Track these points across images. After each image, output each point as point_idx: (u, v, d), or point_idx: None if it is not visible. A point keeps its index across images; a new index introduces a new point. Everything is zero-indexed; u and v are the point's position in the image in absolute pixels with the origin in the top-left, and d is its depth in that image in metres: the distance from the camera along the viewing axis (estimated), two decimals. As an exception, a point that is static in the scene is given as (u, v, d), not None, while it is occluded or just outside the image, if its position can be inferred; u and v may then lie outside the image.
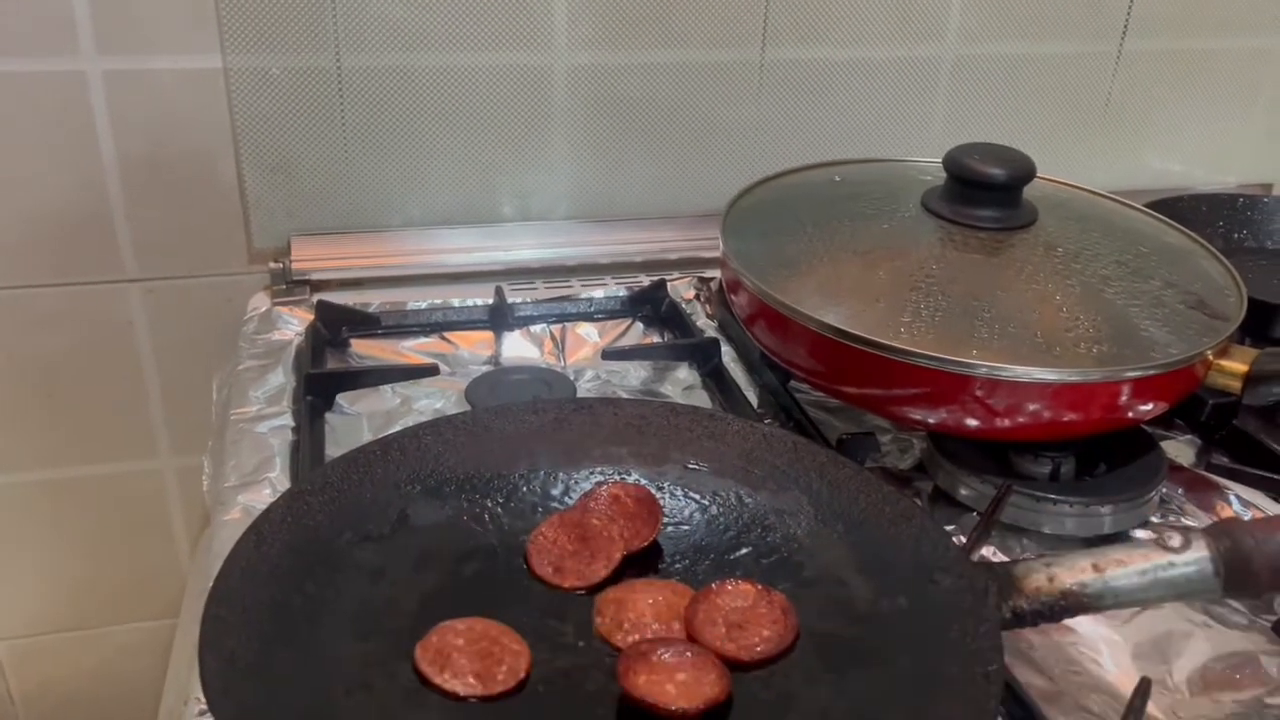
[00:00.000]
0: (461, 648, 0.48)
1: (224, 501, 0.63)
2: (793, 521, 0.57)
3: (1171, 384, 0.65)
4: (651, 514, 0.57)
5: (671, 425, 0.63)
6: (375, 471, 0.57)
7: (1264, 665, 0.57)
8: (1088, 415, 0.64)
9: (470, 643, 0.48)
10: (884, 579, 0.53)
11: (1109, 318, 0.66)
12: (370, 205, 0.90)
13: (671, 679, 0.47)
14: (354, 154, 0.88)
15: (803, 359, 0.70)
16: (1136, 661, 0.57)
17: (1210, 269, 0.74)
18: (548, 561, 0.54)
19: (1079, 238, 0.73)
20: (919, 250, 0.72)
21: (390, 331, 0.85)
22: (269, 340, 0.82)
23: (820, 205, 0.79)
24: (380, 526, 0.55)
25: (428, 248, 0.92)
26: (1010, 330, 0.65)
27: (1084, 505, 0.65)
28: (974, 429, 0.65)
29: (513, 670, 0.47)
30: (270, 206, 0.88)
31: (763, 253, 0.73)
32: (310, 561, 0.51)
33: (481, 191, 0.92)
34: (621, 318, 0.88)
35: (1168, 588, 0.48)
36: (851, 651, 0.49)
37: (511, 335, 0.86)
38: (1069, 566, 0.49)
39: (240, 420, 0.71)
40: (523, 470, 0.60)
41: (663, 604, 0.52)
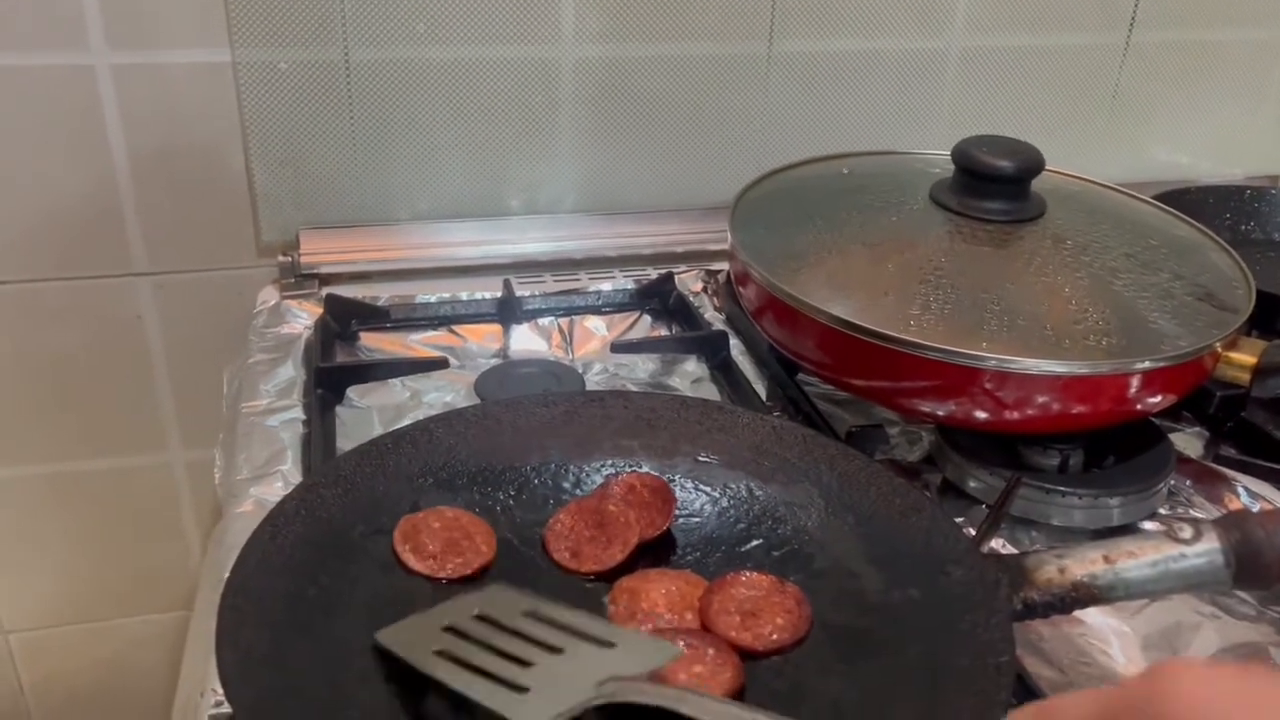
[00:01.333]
0: (435, 531, 0.53)
1: (236, 494, 0.64)
2: (803, 514, 0.57)
3: (1180, 376, 0.65)
4: (666, 503, 0.57)
5: (682, 418, 0.63)
6: (387, 464, 0.58)
7: (1273, 656, 0.57)
8: (1097, 407, 0.64)
9: (444, 528, 0.54)
10: (895, 570, 0.53)
11: (1118, 310, 0.66)
12: (378, 198, 0.90)
13: (687, 670, 0.47)
14: (362, 147, 0.88)
15: (811, 351, 0.70)
16: (1146, 653, 0.57)
17: (1219, 261, 0.74)
18: (565, 547, 0.55)
19: (1088, 230, 0.73)
20: (927, 243, 0.72)
21: (399, 325, 0.86)
22: (278, 334, 0.82)
23: (828, 198, 0.79)
24: (393, 519, 0.55)
25: (436, 241, 0.92)
26: (1019, 323, 0.65)
27: (1093, 497, 0.65)
28: (983, 421, 0.65)
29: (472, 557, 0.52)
30: (279, 200, 0.88)
31: (771, 245, 0.73)
32: (324, 553, 0.52)
33: (489, 184, 0.92)
34: (629, 311, 0.88)
35: (1178, 579, 0.48)
36: (863, 642, 0.50)
37: (520, 328, 0.86)
38: (1080, 558, 0.49)
39: (251, 413, 0.72)
40: (534, 463, 0.61)
41: (676, 594, 0.52)
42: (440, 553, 0.53)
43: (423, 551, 0.53)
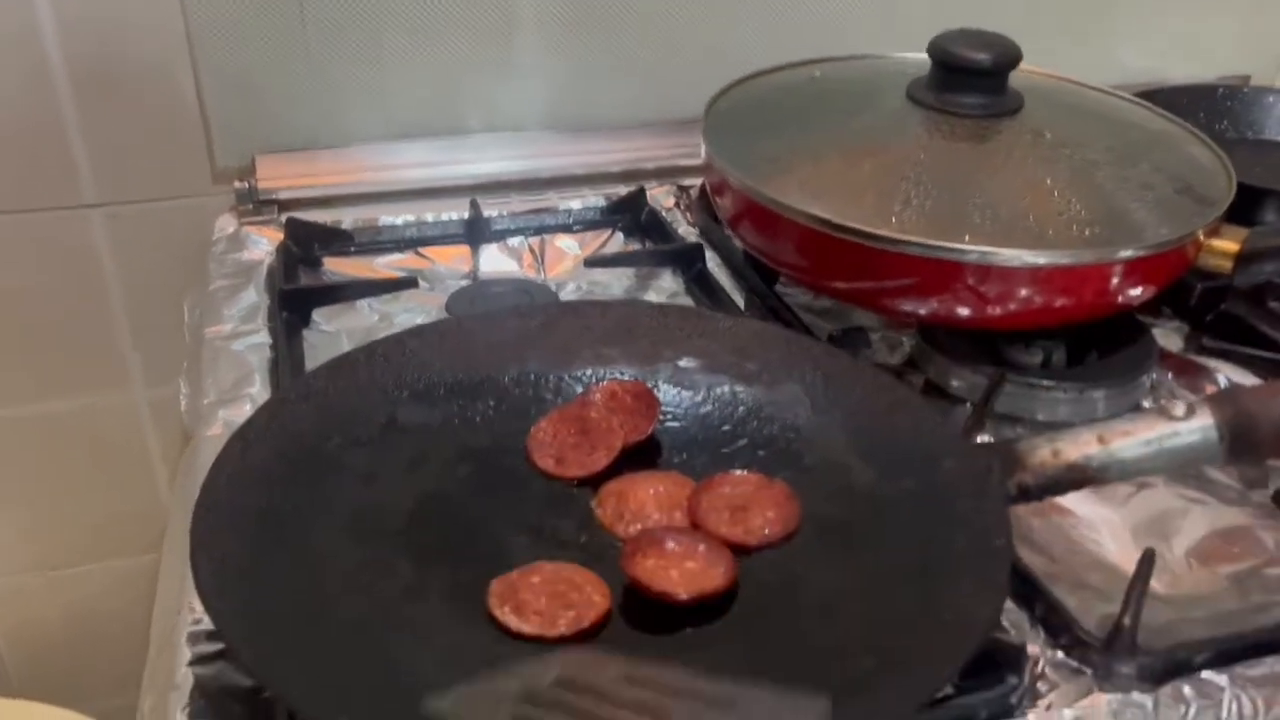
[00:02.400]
0: (536, 586, 0.46)
1: (204, 418, 0.61)
2: (789, 413, 0.56)
3: (1162, 265, 0.64)
4: (649, 408, 0.56)
5: (661, 325, 0.61)
6: (360, 377, 0.56)
7: (1259, 537, 0.57)
8: (1081, 299, 0.63)
9: (545, 582, 0.46)
10: (886, 464, 0.52)
11: (1100, 201, 0.65)
12: (337, 119, 0.87)
13: (679, 567, 0.46)
14: (318, 65, 0.84)
15: (791, 256, 0.68)
16: (1135, 539, 0.57)
17: (1198, 154, 0.73)
18: (549, 454, 0.53)
19: (1066, 124, 0.72)
20: (906, 140, 0.70)
21: (364, 249, 0.83)
22: (239, 260, 0.79)
23: (801, 102, 0.77)
24: (369, 431, 0.54)
25: (397, 162, 0.89)
26: (1002, 215, 0.64)
27: (1078, 391, 0.65)
28: (966, 318, 0.64)
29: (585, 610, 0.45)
30: (232, 123, 0.85)
31: (747, 152, 0.71)
32: (298, 467, 0.50)
33: (452, 103, 0.89)
34: (601, 228, 0.86)
35: (1172, 457, 0.48)
36: (857, 533, 0.49)
37: (489, 249, 0.84)
38: (1073, 440, 0.49)
39: (215, 339, 0.69)
40: (512, 374, 0.59)
41: (664, 494, 0.51)
42: (546, 609, 0.44)
43: (526, 610, 0.44)
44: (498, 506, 0.51)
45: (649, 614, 0.45)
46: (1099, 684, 0.46)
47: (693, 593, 0.45)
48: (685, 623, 0.45)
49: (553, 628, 0.44)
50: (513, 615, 0.44)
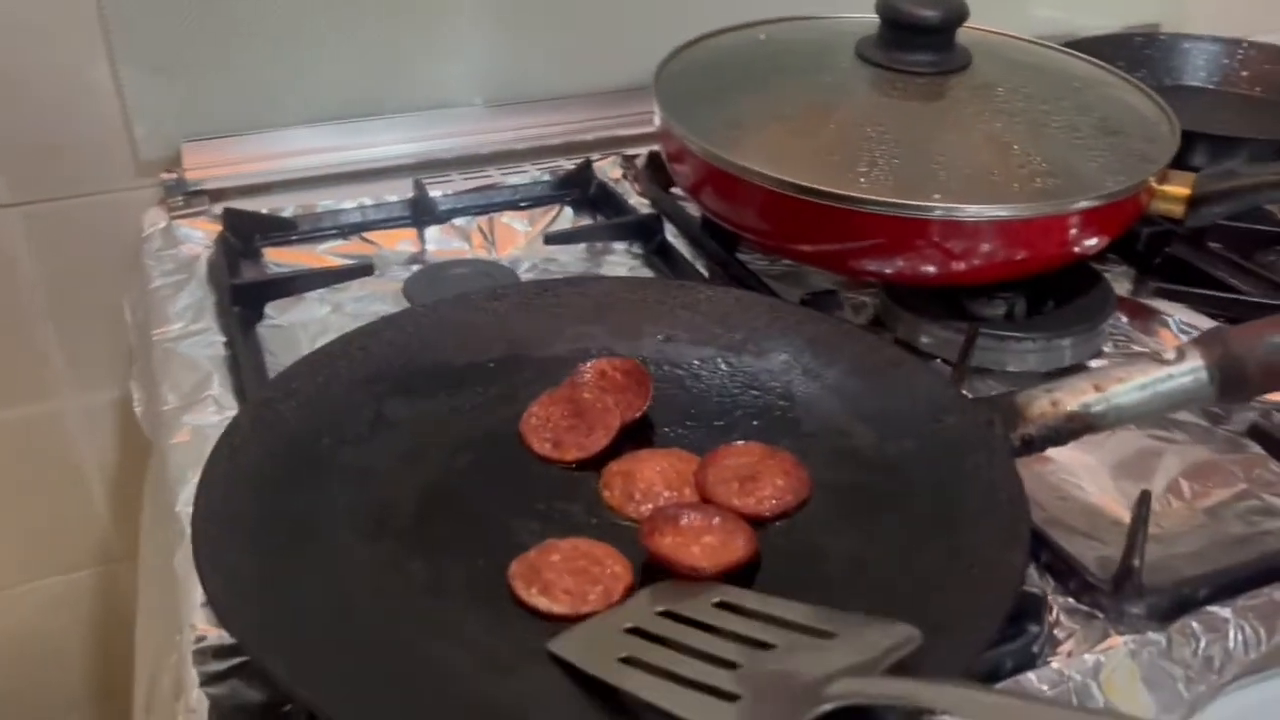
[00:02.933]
0: (557, 565, 0.45)
1: (167, 425, 0.58)
2: (781, 380, 0.56)
3: (1120, 212, 0.66)
4: (641, 384, 0.55)
5: (640, 299, 0.61)
6: (340, 372, 0.54)
7: (1230, 470, 0.59)
8: (1045, 250, 0.64)
9: (564, 559, 0.45)
10: (886, 425, 0.52)
11: (1056, 153, 0.66)
12: (266, 102, 0.83)
13: (698, 542, 0.46)
14: (243, 45, 0.80)
15: (755, 221, 0.68)
16: (1116, 481, 0.59)
17: (1137, 102, 0.75)
18: (545, 438, 0.52)
19: (1014, 78, 0.73)
20: (861, 100, 0.70)
21: (306, 237, 0.80)
22: (176, 256, 0.75)
23: (751, 65, 0.77)
24: (357, 428, 0.52)
25: (331, 144, 0.86)
26: (964, 171, 0.64)
27: (1046, 340, 0.66)
28: (934, 275, 0.65)
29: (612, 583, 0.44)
30: (154, 111, 0.80)
31: (702, 118, 0.70)
32: (292, 470, 0.48)
33: (385, 81, 0.86)
34: (550, 203, 0.84)
35: (1166, 400, 0.49)
36: (868, 497, 0.49)
37: (436, 231, 0.81)
38: (1071, 389, 0.49)
39: (163, 340, 0.66)
40: (495, 357, 0.57)
41: (670, 470, 0.50)
42: (575, 587, 0.44)
43: (553, 590, 0.44)
44: (502, 495, 0.49)
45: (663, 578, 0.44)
46: (1112, 626, 0.47)
47: (718, 566, 0.44)
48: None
49: (584, 604, 0.43)
50: (541, 597, 0.43)
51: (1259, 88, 0.97)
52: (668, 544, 0.45)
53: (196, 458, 0.55)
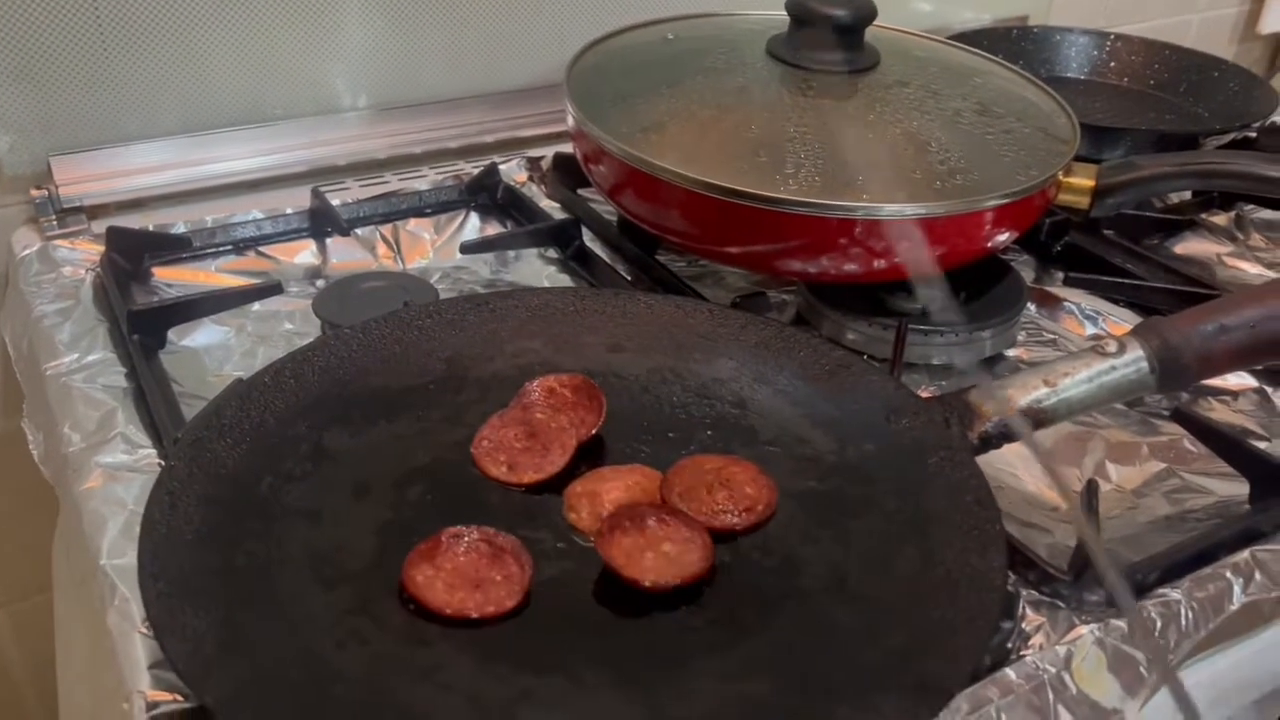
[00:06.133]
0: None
1: (76, 468, 0.54)
2: (731, 387, 0.56)
3: (1033, 205, 0.67)
4: (592, 400, 0.53)
5: (577, 310, 0.59)
6: (274, 405, 0.50)
7: (1151, 452, 0.62)
8: (968, 244, 0.65)
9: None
10: (842, 429, 0.52)
11: (972, 149, 0.68)
12: (141, 110, 0.77)
13: (655, 550, 0.45)
14: (114, 49, 0.75)
15: (678, 223, 0.67)
16: (1045, 469, 0.60)
17: (1033, 96, 0.77)
18: (499, 461, 0.50)
19: (921, 75, 0.74)
20: (779, 99, 0.70)
21: (197, 254, 0.75)
22: (57, 281, 0.69)
23: (661, 64, 0.75)
24: (299, 464, 0.48)
25: (215, 154, 0.81)
26: (886, 169, 0.65)
27: (969, 333, 0.67)
28: (858, 273, 0.65)
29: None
30: (19, 122, 0.74)
31: (619, 118, 0.69)
32: (237, 514, 0.45)
33: (270, 85, 0.81)
34: (456, 209, 0.82)
35: (1112, 391, 0.51)
36: (836, 504, 0.49)
37: (337, 242, 0.77)
38: (1021, 385, 0.50)
39: (57, 374, 0.61)
40: (434, 378, 0.55)
41: (636, 487, 0.49)
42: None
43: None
44: (461, 525, 0.47)
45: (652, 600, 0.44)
46: (1074, 615, 0.48)
47: (661, 582, 0.43)
48: (699, 613, 0.43)
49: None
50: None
51: (1126, 78, 1.02)
52: (625, 544, 0.45)
53: (115, 503, 0.51)
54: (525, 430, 0.51)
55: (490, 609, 0.42)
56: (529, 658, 0.41)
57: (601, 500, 0.48)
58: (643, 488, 0.49)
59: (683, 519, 0.47)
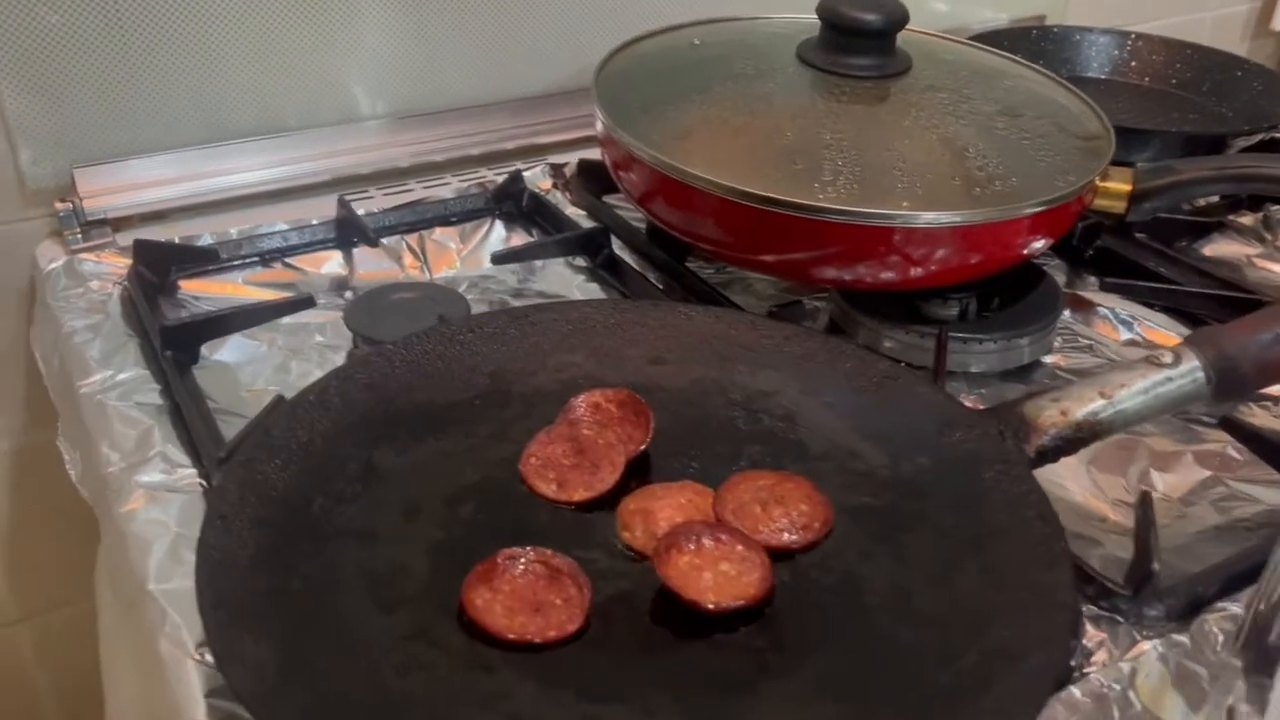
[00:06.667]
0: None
1: (118, 489, 0.53)
2: (779, 400, 0.55)
3: (1069, 210, 0.67)
4: (639, 415, 0.52)
5: (618, 322, 0.59)
6: (320, 425, 0.50)
7: (1196, 460, 0.61)
8: (1006, 250, 0.65)
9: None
10: (894, 442, 0.52)
11: (1010, 154, 0.67)
12: (162, 121, 0.77)
13: (713, 569, 0.44)
14: (138, 61, 0.74)
15: (711, 231, 0.67)
16: (1092, 478, 0.60)
17: (1064, 99, 0.76)
18: (549, 479, 0.49)
19: (953, 79, 0.73)
20: (811, 105, 0.70)
21: (223, 266, 0.74)
22: (86, 296, 0.68)
23: (689, 70, 0.75)
24: (348, 485, 0.48)
25: (236, 165, 0.80)
26: (924, 176, 0.65)
27: (1006, 340, 0.67)
28: (893, 281, 0.65)
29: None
30: (41, 135, 0.73)
31: (649, 124, 0.68)
32: (291, 537, 0.44)
33: (291, 94, 0.81)
34: (481, 218, 0.81)
35: (1168, 402, 0.50)
36: (892, 520, 0.48)
37: (363, 252, 0.77)
38: (1078, 398, 0.50)
39: (92, 392, 0.60)
40: (478, 393, 0.54)
41: (690, 505, 0.48)
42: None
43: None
44: (515, 545, 0.46)
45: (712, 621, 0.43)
46: (1135, 630, 0.47)
47: (724, 603, 0.43)
48: (761, 634, 0.43)
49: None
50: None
51: (1148, 78, 1.02)
52: (682, 564, 0.44)
53: (158, 525, 0.51)
54: (573, 447, 0.51)
55: (552, 634, 0.41)
56: (592, 684, 0.40)
57: (655, 519, 0.47)
58: (696, 505, 0.48)
59: (739, 538, 0.46)
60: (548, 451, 0.51)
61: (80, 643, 0.87)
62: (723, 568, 0.45)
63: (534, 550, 0.45)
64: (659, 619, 0.44)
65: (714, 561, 0.45)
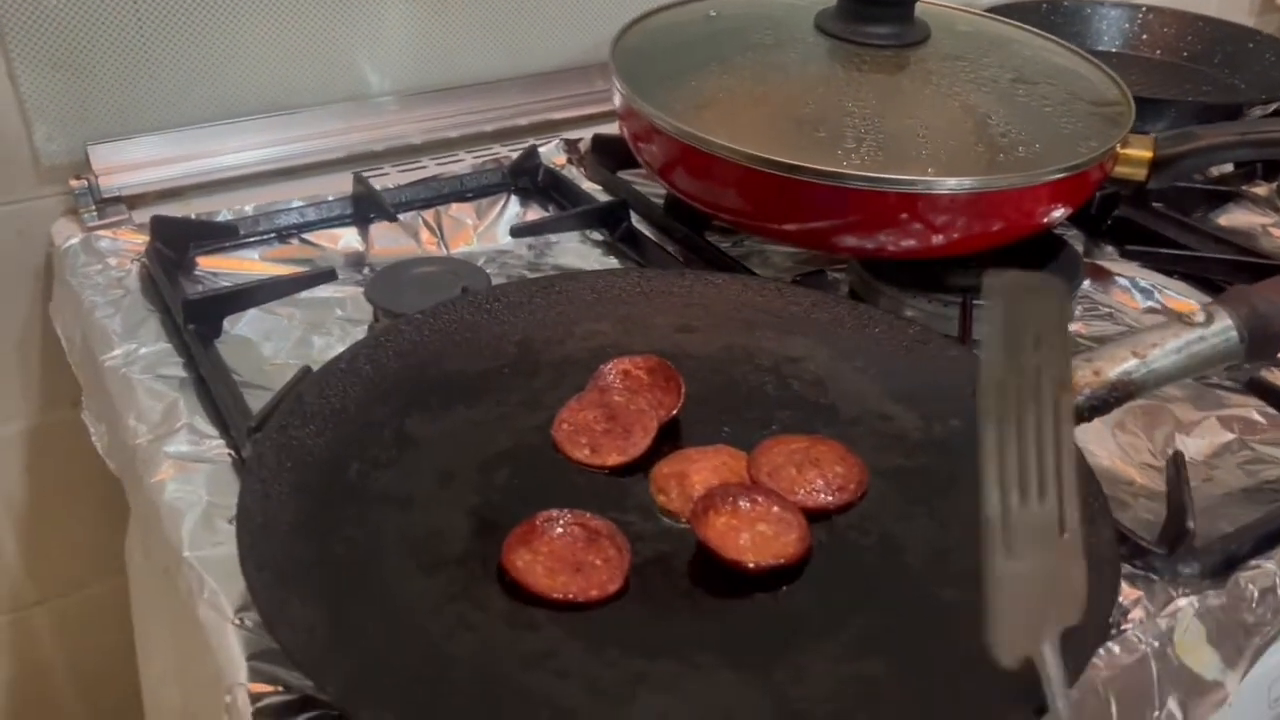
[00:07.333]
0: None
1: (145, 460, 0.53)
2: (808, 365, 0.55)
3: (1091, 177, 0.67)
4: (670, 381, 0.52)
5: (644, 290, 0.58)
6: (352, 392, 0.50)
7: (1219, 423, 0.61)
8: (1030, 216, 0.65)
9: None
10: (926, 405, 0.52)
11: (1032, 122, 0.67)
12: (177, 98, 0.76)
13: (750, 530, 0.44)
14: (152, 38, 0.73)
15: (733, 201, 0.66)
16: (1117, 442, 0.60)
17: (1082, 69, 0.76)
18: (581, 444, 0.49)
19: (972, 49, 0.73)
20: (831, 74, 0.69)
21: (241, 242, 0.74)
22: (105, 273, 0.68)
23: (706, 42, 0.74)
24: (384, 451, 0.48)
25: (251, 142, 0.80)
26: (952, 144, 0.64)
27: (1029, 307, 0.67)
28: (914, 249, 0.64)
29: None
30: (56, 111, 0.72)
31: (668, 96, 0.68)
32: (330, 502, 0.44)
33: (305, 71, 0.80)
34: (497, 193, 0.81)
35: (1201, 362, 0.50)
36: (927, 481, 0.48)
37: (380, 228, 0.76)
38: (1110, 358, 0.50)
39: (115, 366, 0.59)
40: (507, 361, 0.54)
41: (725, 468, 0.48)
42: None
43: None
44: (550, 509, 0.46)
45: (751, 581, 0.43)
46: (1170, 588, 0.48)
47: (763, 561, 0.43)
48: (801, 594, 0.43)
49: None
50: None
51: (1159, 51, 1.02)
52: (720, 525, 0.44)
53: (189, 494, 0.50)
54: (604, 413, 0.51)
55: (594, 593, 0.41)
56: (638, 641, 0.40)
57: (690, 481, 0.47)
58: (730, 468, 0.48)
59: (776, 499, 0.46)
60: (579, 418, 0.51)
61: (98, 626, 0.87)
62: (760, 528, 0.45)
63: (571, 513, 0.44)
64: (698, 579, 0.44)
65: (751, 522, 0.45)
